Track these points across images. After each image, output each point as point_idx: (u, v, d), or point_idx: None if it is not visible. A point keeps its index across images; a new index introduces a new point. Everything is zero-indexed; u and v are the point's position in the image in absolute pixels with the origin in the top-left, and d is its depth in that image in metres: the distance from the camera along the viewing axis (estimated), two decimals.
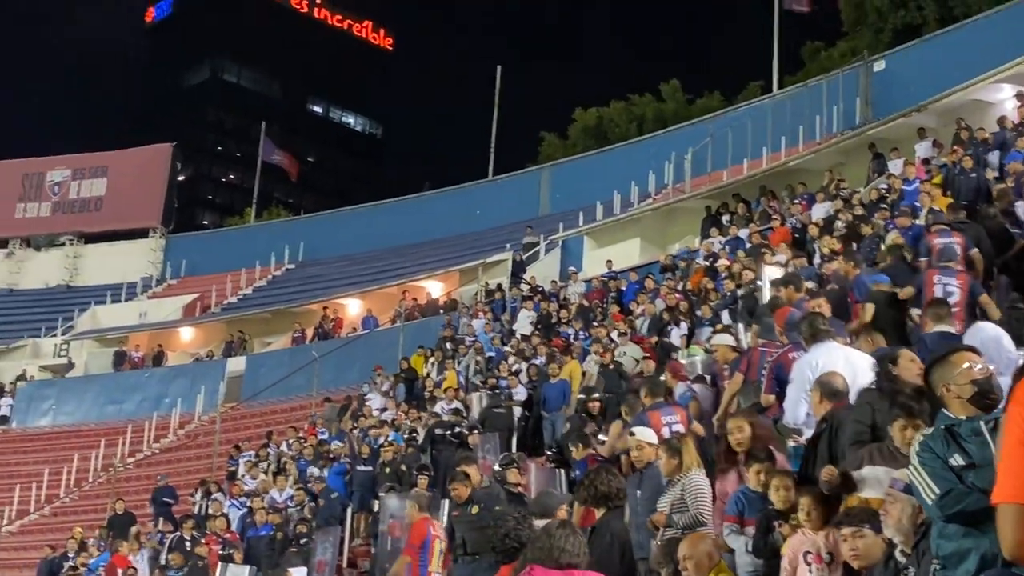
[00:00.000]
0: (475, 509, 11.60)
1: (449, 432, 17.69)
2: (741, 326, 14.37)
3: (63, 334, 43.43)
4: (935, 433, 4.28)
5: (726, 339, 11.87)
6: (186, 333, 42.09)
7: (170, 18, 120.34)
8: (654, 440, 8.69)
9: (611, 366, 16.76)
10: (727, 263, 20.13)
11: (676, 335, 17.82)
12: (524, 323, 24.48)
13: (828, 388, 7.20)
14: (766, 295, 14.27)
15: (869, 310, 11.03)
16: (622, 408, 11.91)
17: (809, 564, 6.00)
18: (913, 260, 12.89)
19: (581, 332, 21.20)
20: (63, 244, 50.66)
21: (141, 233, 50.44)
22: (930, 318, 9.18)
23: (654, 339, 18.12)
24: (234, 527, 18.83)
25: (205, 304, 44.00)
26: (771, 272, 15.13)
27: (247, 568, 16.25)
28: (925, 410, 5.68)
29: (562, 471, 13.77)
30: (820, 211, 21.45)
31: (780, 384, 9.34)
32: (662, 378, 12.67)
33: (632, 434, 8.98)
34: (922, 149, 23.89)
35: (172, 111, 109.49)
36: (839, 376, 7.33)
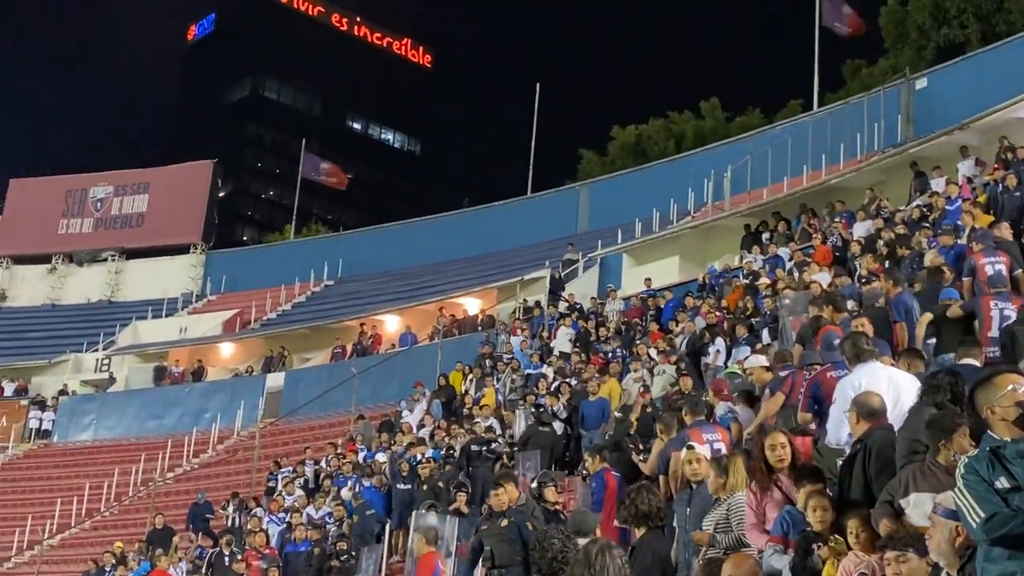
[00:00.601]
0: (505, 522, 11.65)
1: (485, 448, 17.68)
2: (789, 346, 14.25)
3: (104, 349, 43.80)
4: (980, 455, 4.24)
5: (760, 360, 11.82)
6: (226, 349, 42.35)
7: (211, 36, 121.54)
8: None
9: (648, 409, 16.45)
10: (767, 281, 20.01)
11: (713, 352, 17.73)
12: (563, 341, 24.44)
13: (865, 408, 7.13)
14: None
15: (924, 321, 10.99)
16: (657, 426, 11.86)
17: None
18: (955, 280, 12.79)
19: (619, 350, 21.14)
20: (105, 260, 51.14)
21: (182, 249, 50.85)
22: (959, 353, 9.16)
23: (682, 356, 18.10)
24: (273, 543, 18.89)
25: (244, 320, 44.26)
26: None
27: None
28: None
29: None
30: (861, 229, 21.30)
31: (817, 403, 9.28)
32: (704, 397, 12.62)
33: (691, 447, 8.90)
34: (965, 167, 23.68)
35: (213, 128, 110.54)
36: (876, 396, 7.27)
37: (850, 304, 14.27)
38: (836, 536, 6.41)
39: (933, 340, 11.57)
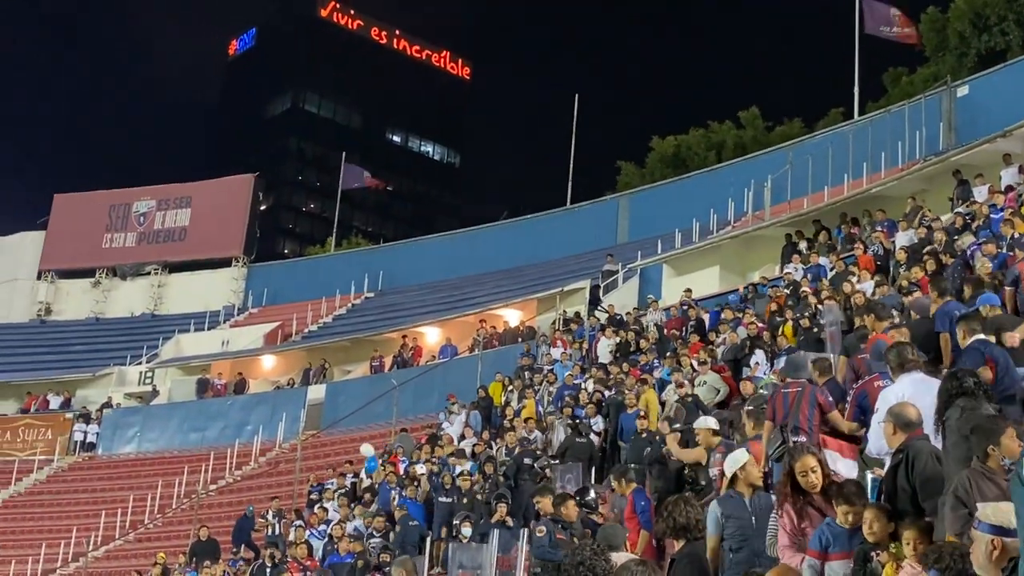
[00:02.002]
0: (541, 531, 11.74)
1: (534, 461, 17.70)
2: (832, 356, 14.15)
3: (148, 362, 44.19)
4: None
5: (708, 423, 11.88)
6: (267, 361, 42.60)
7: (252, 50, 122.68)
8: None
9: (689, 398, 16.62)
10: (809, 291, 19.89)
11: (753, 364, 17.62)
12: (604, 352, 24.39)
13: (901, 419, 7.08)
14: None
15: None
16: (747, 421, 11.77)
17: None
18: (999, 287, 12.70)
19: (657, 361, 21.07)
20: (148, 273, 51.63)
21: (224, 262, 51.25)
22: (964, 331, 9.04)
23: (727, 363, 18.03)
24: (316, 555, 18.94)
25: (286, 333, 44.51)
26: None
27: None
28: None
29: None
30: (903, 239, 21.13)
31: (863, 412, 9.21)
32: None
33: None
34: (1007, 175, 23.44)
35: (254, 141, 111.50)
36: (912, 407, 7.22)
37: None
38: (896, 543, 6.36)
39: None
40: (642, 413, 16.73)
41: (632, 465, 13.72)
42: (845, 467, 9.17)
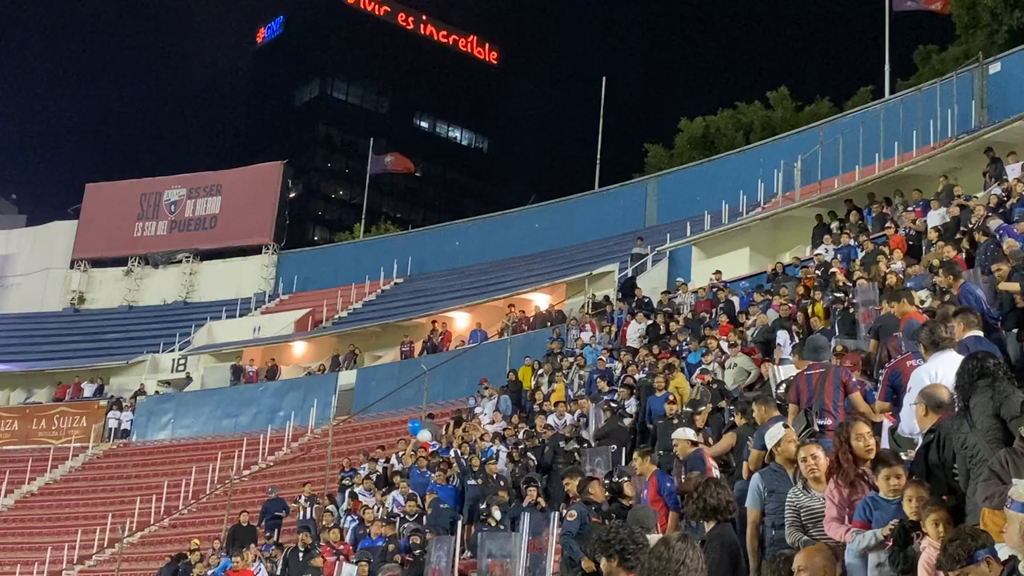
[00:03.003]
0: (572, 515, 11.74)
1: (565, 444, 17.70)
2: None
3: (180, 349, 44.49)
4: None
5: (686, 434, 11.75)
6: (298, 347, 42.79)
7: (280, 37, 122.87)
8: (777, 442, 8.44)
9: (714, 384, 16.50)
10: (839, 271, 19.75)
11: (779, 344, 17.49)
12: (633, 336, 24.35)
13: (933, 400, 7.02)
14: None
15: None
16: (736, 417, 11.75)
17: None
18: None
19: (686, 344, 20.99)
20: (180, 261, 51.93)
21: (254, 250, 51.47)
22: (963, 324, 8.97)
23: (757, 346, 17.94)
24: (347, 538, 19.03)
25: (316, 319, 44.68)
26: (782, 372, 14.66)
27: (356, 567, 16.46)
28: None
29: None
30: (935, 218, 20.95)
31: (895, 391, 9.13)
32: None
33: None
34: None
35: (282, 129, 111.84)
36: (944, 388, 7.16)
37: (924, 294, 14.05)
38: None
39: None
40: (672, 398, 16.73)
41: (660, 451, 13.65)
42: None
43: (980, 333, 9.01)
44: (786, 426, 8.63)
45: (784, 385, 12.42)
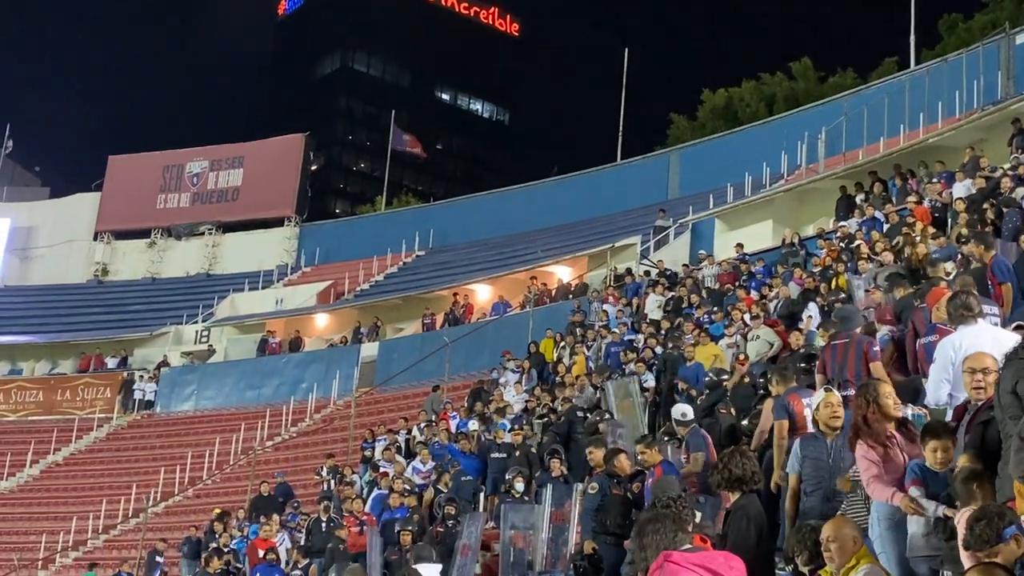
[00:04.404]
0: (593, 488, 11.73)
1: (588, 415, 17.67)
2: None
3: (203, 321, 44.66)
4: None
5: (680, 411, 11.71)
6: (320, 320, 42.90)
7: (301, 10, 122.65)
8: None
9: (747, 379, 16.15)
10: (864, 244, 19.63)
11: (806, 318, 17.40)
12: (652, 307, 24.29)
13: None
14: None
15: None
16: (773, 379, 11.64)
17: None
18: None
19: (708, 315, 20.91)
20: (202, 233, 52.07)
21: (276, 222, 51.57)
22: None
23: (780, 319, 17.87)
24: (367, 508, 19.05)
25: (339, 291, 44.78)
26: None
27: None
28: None
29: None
30: (960, 189, 20.77)
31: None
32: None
33: (829, 390, 8.56)
34: None
35: (304, 101, 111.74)
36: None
37: (949, 266, 13.95)
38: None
39: None
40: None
41: (665, 437, 13.57)
42: None
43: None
44: (828, 390, 8.50)
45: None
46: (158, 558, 24.57)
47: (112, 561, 27.35)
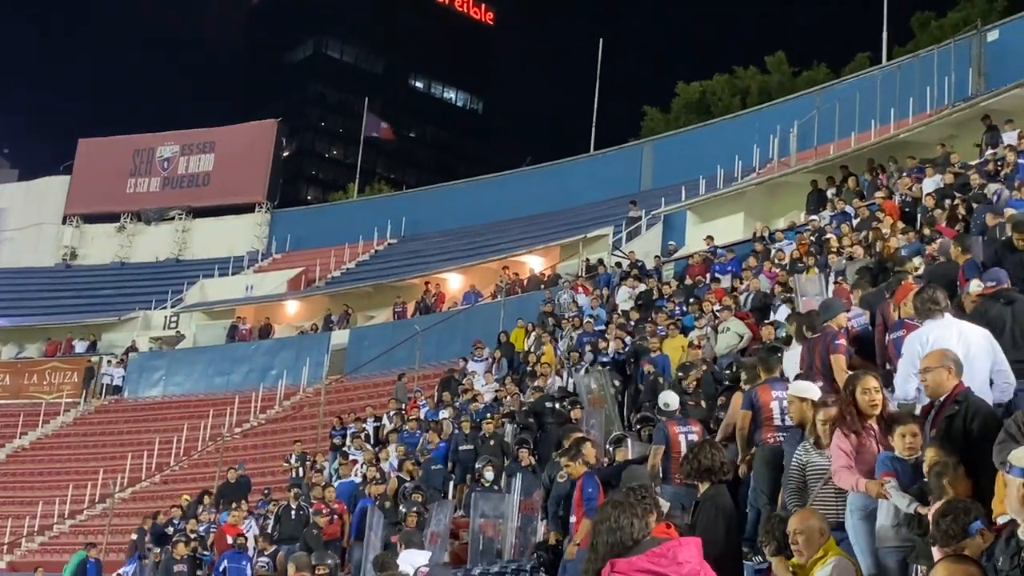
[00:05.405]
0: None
1: (558, 405, 17.66)
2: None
3: (172, 307, 44.43)
4: None
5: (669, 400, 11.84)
6: (291, 307, 42.77)
7: None
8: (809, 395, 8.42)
9: (705, 368, 16.17)
10: (834, 238, 19.73)
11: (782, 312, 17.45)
12: (623, 299, 24.35)
13: (961, 364, 6.96)
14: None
15: None
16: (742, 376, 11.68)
17: None
18: None
19: (679, 308, 20.98)
20: (172, 218, 51.77)
21: (247, 208, 51.34)
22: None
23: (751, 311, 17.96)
24: (334, 495, 19.02)
25: (309, 278, 44.66)
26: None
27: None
28: None
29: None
30: (930, 184, 20.92)
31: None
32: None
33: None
34: None
35: (277, 87, 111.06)
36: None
37: (917, 261, 14.06)
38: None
39: None
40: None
41: (637, 426, 13.55)
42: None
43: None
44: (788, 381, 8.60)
45: None
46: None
47: (77, 546, 27.18)
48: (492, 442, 17.86)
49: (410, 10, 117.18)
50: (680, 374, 15.80)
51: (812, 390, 8.38)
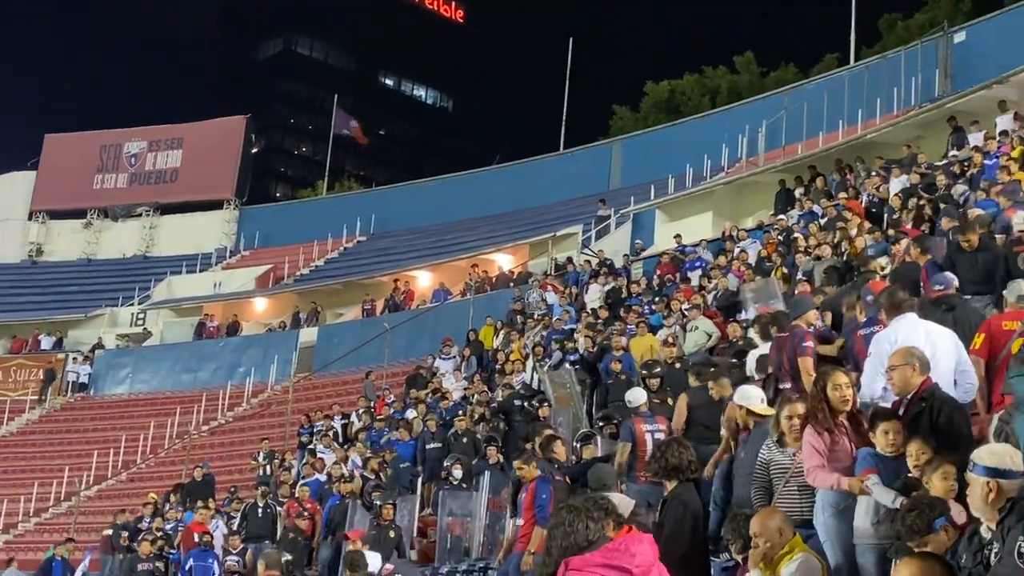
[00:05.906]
0: None
1: (526, 403, 17.67)
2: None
3: (139, 303, 44.13)
4: None
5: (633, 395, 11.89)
6: (259, 304, 42.57)
7: None
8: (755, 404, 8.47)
9: (677, 365, 16.23)
10: (801, 237, 19.84)
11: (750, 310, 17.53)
12: (593, 298, 24.39)
13: (926, 362, 7.00)
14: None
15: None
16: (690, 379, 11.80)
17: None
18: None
19: (648, 306, 21.02)
20: (140, 215, 51.43)
21: (215, 204, 51.08)
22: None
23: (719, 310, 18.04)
24: (311, 495, 18.99)
25: (278, 275, 44.47)
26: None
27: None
28: None
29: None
30: (897, 185, 21.07)
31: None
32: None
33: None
34: (1003, 122, 23.38)
35: (246, 83, 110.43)
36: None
37: (883, 261, 14.16)
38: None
39: None
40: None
41: (600, 423, 13.59)
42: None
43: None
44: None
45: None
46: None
47: (43, 544, 26.97)
48: (465, 440, 17.83)
49: (380, 8, 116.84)
50: (644, 372, 15.83)
51: (752, 399, 8.46)
